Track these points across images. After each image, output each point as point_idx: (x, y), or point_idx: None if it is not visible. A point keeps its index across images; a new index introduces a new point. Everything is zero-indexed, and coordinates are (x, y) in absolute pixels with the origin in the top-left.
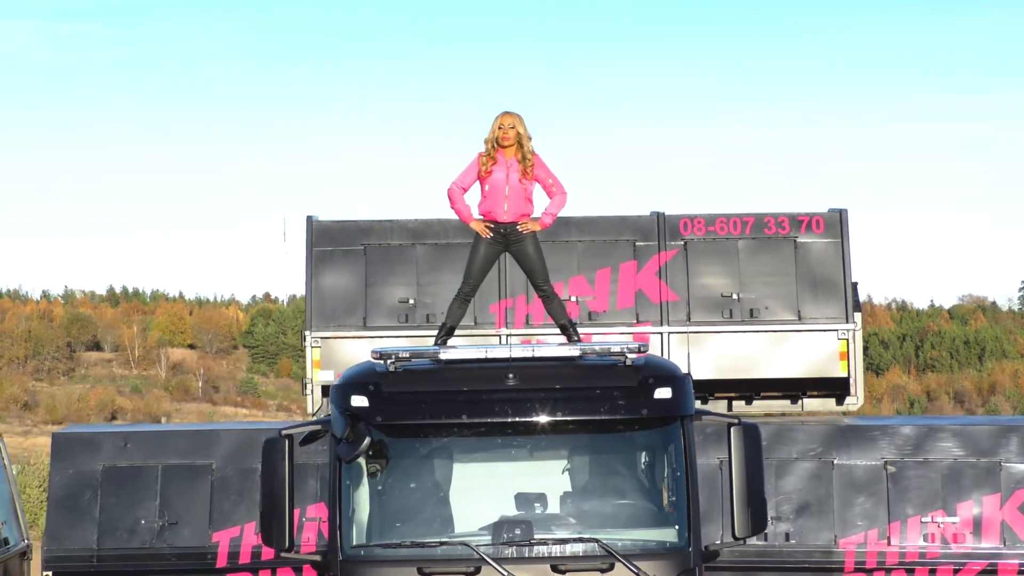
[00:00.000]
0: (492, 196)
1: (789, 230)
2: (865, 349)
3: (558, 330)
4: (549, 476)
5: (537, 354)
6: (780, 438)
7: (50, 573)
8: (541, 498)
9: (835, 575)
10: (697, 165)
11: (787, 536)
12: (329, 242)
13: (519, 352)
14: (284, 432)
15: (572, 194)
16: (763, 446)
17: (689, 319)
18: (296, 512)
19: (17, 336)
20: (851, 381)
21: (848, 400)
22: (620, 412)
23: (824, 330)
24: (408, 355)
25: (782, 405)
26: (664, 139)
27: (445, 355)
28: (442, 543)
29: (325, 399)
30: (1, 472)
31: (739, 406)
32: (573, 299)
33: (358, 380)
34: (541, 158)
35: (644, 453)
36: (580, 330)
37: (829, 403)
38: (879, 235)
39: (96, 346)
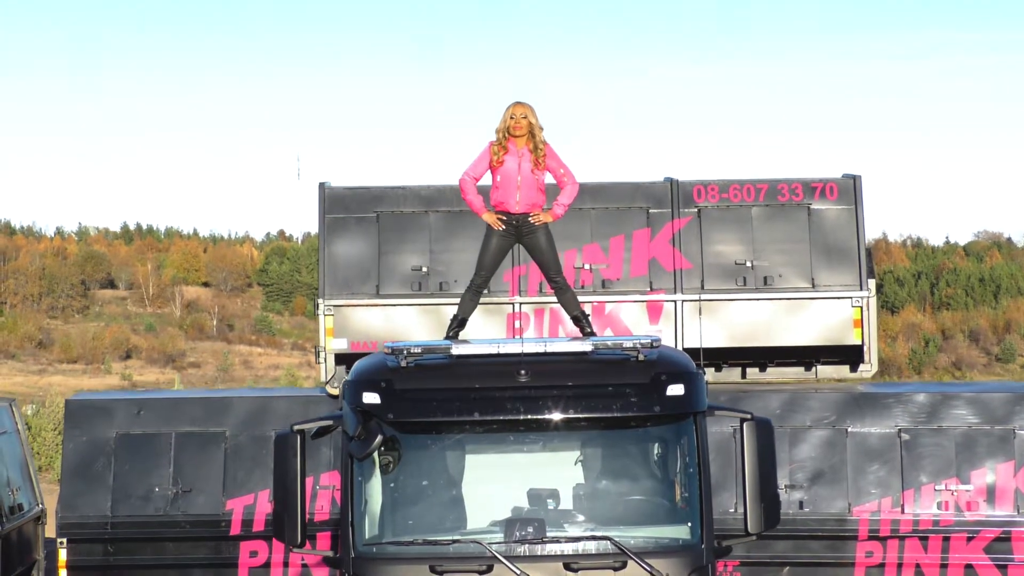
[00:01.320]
0: (504, 187)
1: (803, 197)
2: (880, 287)
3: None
4: (561, 472)
5: (549, 349)
6: (794, 406)
7: (64, 540)
8: (553, 494)
9: (849, 543)
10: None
11: (801, 504)
12: (342, 209)
13: (531, 347)
14: (296, 427)
15: (586, 160)
16: (778, 414)
17: (703, 287)
18: (309, 480)
19: (31, 274)
20: (865, 349)
21: (862, 368)
22: (632, 409)
23: (838, 297)
24: (420, 350)
25: (796, 372)
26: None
27: (457, 350)
28: (454, 541)
29: (338, 367)
30: (15, 437)
31: (753, 373)
32: (587, 267)
33: (370, 376)
34: (552, 148)
35: (656, 449)
36: (593, 299)
37: (843, 370)
38: (894, 171)
39: (110, 284)
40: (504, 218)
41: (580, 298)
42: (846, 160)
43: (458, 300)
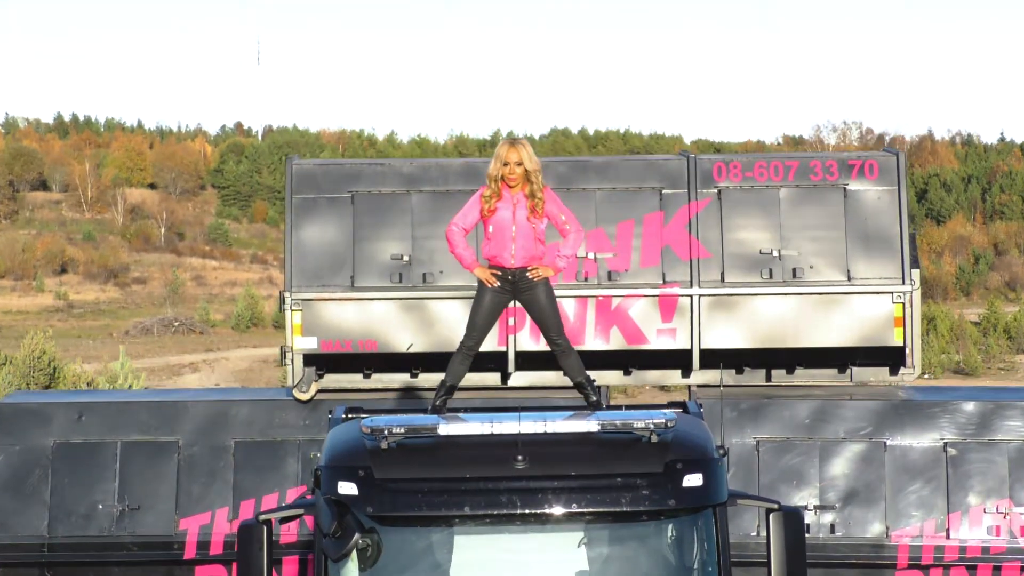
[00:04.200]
0: (497, 238)
1: (838, 176)
2: (924, 193)
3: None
4: (562, 567)
5: (549, 429)
6: (825, 415)
7: None
8: None
9: (886, 572)
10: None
11: (832, 528)
12: (312, 188)
13: (529, 426)
14: (262, 518)
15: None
16: (807, 424)
17: (723, 279)
18: (275, 496)
19: None
20: (907, 351)
21: (903, 372)
22: (643, 503)
23: (877, 292)
24: (403, 430)
25: (828, 374)
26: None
27: (445, 429)
28: None
29: (307, 369)
30: None
31: (779, 375)
32: (590, 256)
33: (346, 462)
34: (552, 192)
35: (670, 545)
36: (598, 293)
37: (882, 372)
38: (940, 57)
39: (43, 185)
40: (499, 273)
41: (582, 292)
42: (885, 45)
43: (443, 294)
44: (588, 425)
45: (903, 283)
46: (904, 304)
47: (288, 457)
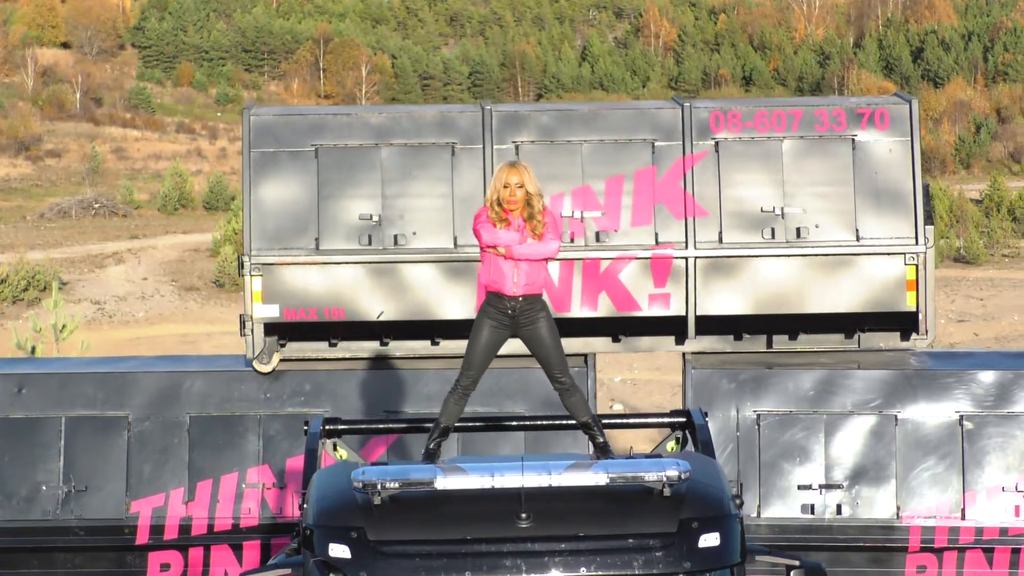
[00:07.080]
0: (498, 264)
1: (846, 126)
2: (919, 52)
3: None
4: None
5: (555, 483)
6: (831, 386)
7: None
8: None
9: (897, 556)
10: None
11: (839, 508)
12: (273, 142)
13: (533, 479)
14: None
15: None
16: (812, 396)
17: (721, 240)
18: (235, 476)
19: None
20: (921, 317)
21: (916, 339)
22: (656, 567)
23: (888, 253)
24: (397, 484)
25: (834, 340)
26: None
27: (442, 483)
28: None
29: (268, 339)
30: None
31: (781, 342)
32: (576, 215)
33: (337, 522)
34: (552, 213)
35: None
36: (585, 255)
37: (893, 338)
38: None
39: None
40: (498, 296)
41: (568, 255)
42: None
43: (416, 257)
44: (596, 477)
45: (916, 243)
46: (917, 266)
47: (248, 433)
